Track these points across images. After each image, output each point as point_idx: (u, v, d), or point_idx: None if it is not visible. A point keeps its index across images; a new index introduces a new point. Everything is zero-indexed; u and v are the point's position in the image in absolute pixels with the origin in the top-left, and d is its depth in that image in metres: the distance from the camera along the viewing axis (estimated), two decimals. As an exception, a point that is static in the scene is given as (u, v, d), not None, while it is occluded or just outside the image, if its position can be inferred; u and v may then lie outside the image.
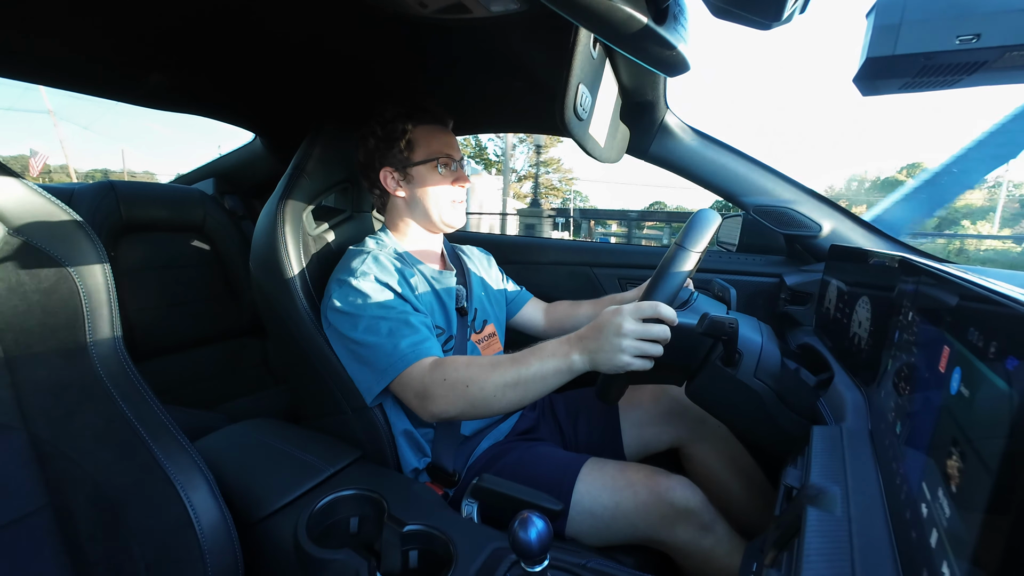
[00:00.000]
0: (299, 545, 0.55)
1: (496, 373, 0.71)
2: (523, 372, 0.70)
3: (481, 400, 0.71)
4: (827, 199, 1.07)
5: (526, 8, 0.60)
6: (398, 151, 0.92)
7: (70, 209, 0.57)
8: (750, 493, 0.90)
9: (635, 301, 0.70)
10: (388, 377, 0.76)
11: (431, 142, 0.93)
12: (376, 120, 0.94)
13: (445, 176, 0.94)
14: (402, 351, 0.76)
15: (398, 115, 0.92)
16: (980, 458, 0.26)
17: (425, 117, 0.94)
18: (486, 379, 0.71)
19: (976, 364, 0.29)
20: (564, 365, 0.69)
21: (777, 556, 0.41)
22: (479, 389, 0.71)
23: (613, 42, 0.53)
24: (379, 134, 0.93)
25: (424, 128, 0.93)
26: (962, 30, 0.43)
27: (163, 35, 0.81)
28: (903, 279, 0.53)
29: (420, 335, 0.79)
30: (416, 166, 0.92)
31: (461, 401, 0.72)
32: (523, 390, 0.71)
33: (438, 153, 0.93)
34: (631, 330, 0.65)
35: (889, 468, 0.42)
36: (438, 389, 0.73)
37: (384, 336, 0.77)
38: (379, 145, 0.93)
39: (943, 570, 0.27)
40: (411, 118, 0.92)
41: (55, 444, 0.53)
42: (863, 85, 0.54)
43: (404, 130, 0.92)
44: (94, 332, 0.56)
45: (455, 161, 0.95)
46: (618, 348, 0.66)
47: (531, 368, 0.70)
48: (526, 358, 0.72)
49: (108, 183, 1.35)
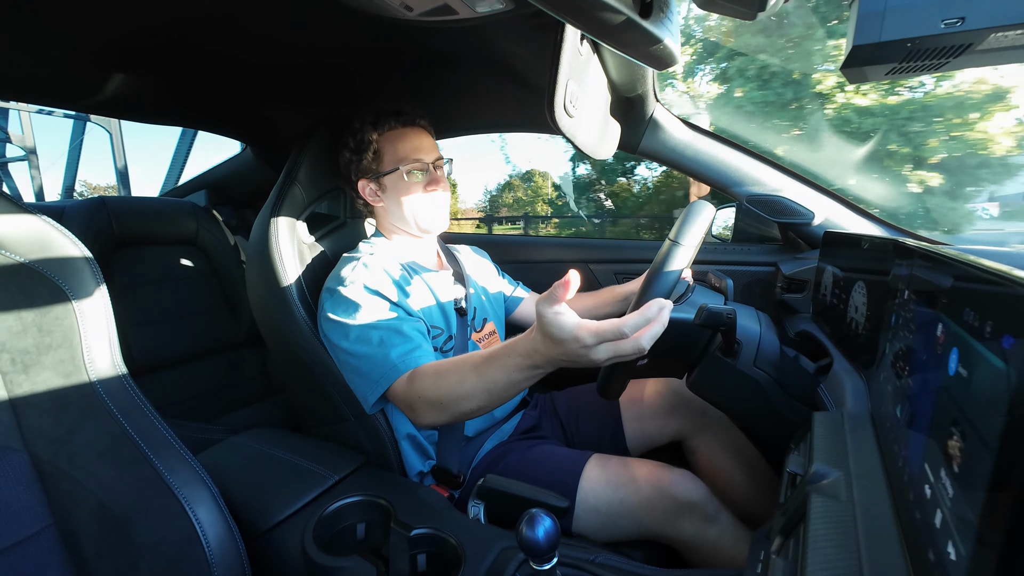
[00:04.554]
0: (306, 554, 0.55)
1: (466, 389, 0.67)
2: (492, 386, 0.66)
3: (462, 413, 0.70)
4: (819, 185, 1.08)
5: (512, 7, 0.60)
6: (367, 162, 0.91)
7: (62, 227, 0.57)
8: (754, 482, 0.90)
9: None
10: (381, 388, 0.76)
11: (397, 149, 0.91)
12: (348, 132, 0.93)
13: (416, 181, 0.91)
14: (392, 362, 0.75)
15: (365, 124, 0.91)
16: (980, 437, 0.26)
17: (389, 122, 0.92)
18: (459, 396, 0.68)
19: (973, 344, 0.30)
20: (531, 373, 0.63)
21: (783, 543, 0.42)
22: (455, 405, 0.69)
23: (600, 38, 0.53)
24: (351, 146, 0.92)
25: (390, 135, 0.92)
26: (946, 13, 0.43)
27: (148, 46, 0.81)
28: (897, 262, 0.53)
29: (411, 343, 0.78)
30: (386, 175, 0.91)
31: (444, 415, 0.71)
32: (499, 398, 0.67)
33: (404, 160, 0.90)
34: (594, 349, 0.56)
35: (891, 451, 0.42)
36: (419, 405, 0.72)
37: (375, 346, 0.77)
38: (352, 158, 0.93)
39: (948, 550, 0.27)
40: (376, 126, 0.91)
41: (57, 464, 0.53)
42: (851, 73, 0.54)
43: (369, 141, 0.91)
44: (91, 350, 0.56)
45: (427, 164, 0.92)
46: (587, 357, 0.57)
47: (499, 382, 0.65)
48: (488, 372, 0.66)
49: (99, 199, 1.34)
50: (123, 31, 0.74)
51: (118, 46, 0.79)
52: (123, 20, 0.71)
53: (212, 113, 1.21)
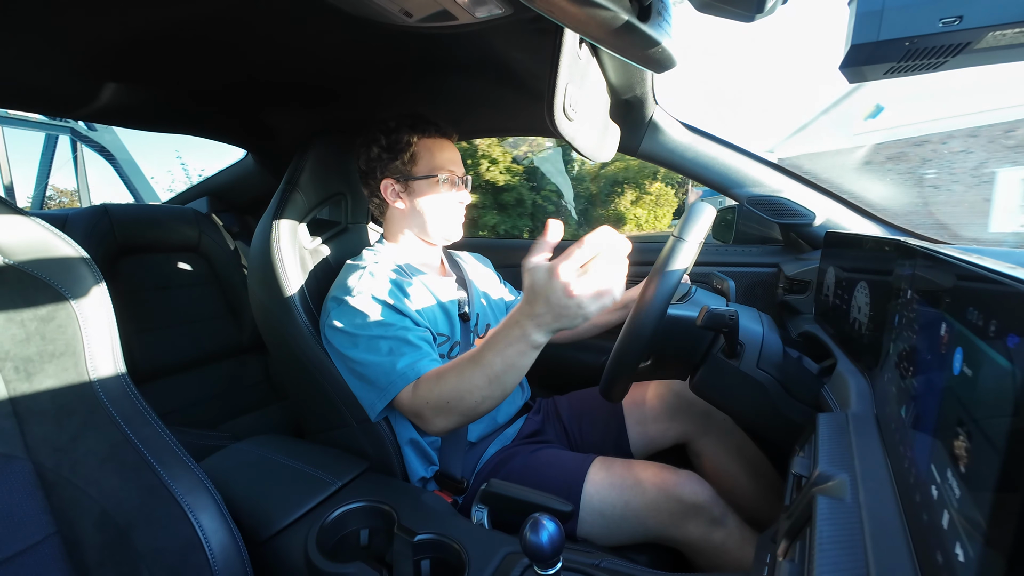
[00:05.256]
0: (310, 560, 0.55)
1: (468, 382, 0.68)
2: (490, 371, 0.66)
3: (469, 409, 0.70)
4: (819, 186, 1.08)
5: (511, 13, 0.60)
6: (401, 163, 0.92)
7: (64, 235, 0.57)
8: (759, 484, 0.90)
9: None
10: (389, 395, 0.76)
11: (435, 156, 0.92)
12: (379, 128, 0.93)
13: (447, 191, 0.93)
14: (400, 371, 0.75)
15: (402, 125, 0.92)
16: (986, 437, 0.26)
17: (429, 130, 0.93)
18: (461, 391, 0.69)
19: (977, 343, 0.29)
20: (525, 346, 0.63)
21: (790, 546, 0.41)
22: (460, 402, 0.69)
23: (598, 41, 0.53)
24: (383, 143, 0.92)
25: (428, 141, 0.93)
26: (944, 12, 0.44)
27: (149, 54, 0.81)
28: (899, 262, 0.53)
29: (419, 352, 0.78)
30: (418, 180, 0.92)
31: (452, 417, 0.71)
32: (501, 383, 0.67)
33: (441, 168, 0.92)
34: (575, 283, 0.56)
35: (897, 452, 0.41)
36: (426, 412, 0.72)
37: (384, 355, 0.77)
38: (382, 155, 0.92)
39: (956, 551, 0.27)
40: (415, 130, 0.92)
41: (59, 472, 0.53)
42: (849, 72, 0.54)
43: (409, 142, 0.91)
44: (94, 357, 0.56)
45: (458, 177, 0.95)
46: (574, 307, 0.57)
47: (495, 364, 0.65)
48: (484, 356, 0.66)
49: (102, 207, 1.35)
50: (124, 38, 0.75)
51: (119, 54, 0.80)
52: (124, 27, 0.71)
53: (213, 120, 1.22)
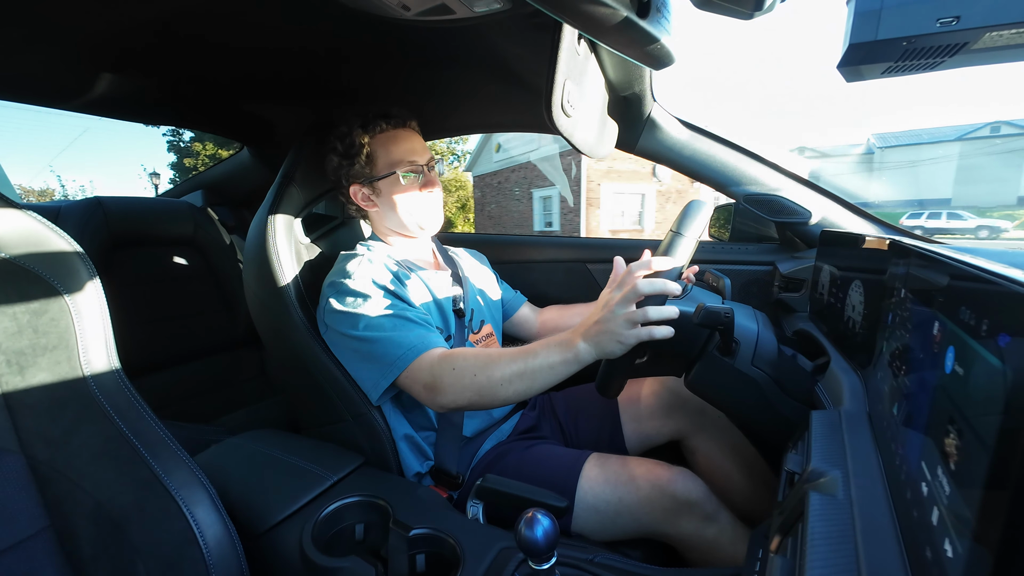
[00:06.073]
0: (305, 555, 0.55)
1: (503, 362, 0.72)
2: (530, 362, 0.71)
3: (488, 389, 0.72)
4: (816, 185, 1.08)
5: (510, 7, 0.60)
6: (360, 166, 0.90)
7: (54, 226, 0.57)
8: (752, 481, 0.90)
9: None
10: (397, 369, 0.76)
11: (391, 151, 0.90)
12: (335, 135, 0.91)
13: (411, 183, 0.91)
14: (411, 342, 0.76)
15: (353, 128, 0.90)
16: (977, 435, 0.26)
17: (380, 124, 0.91)
18: (494, 367, 0.72)
19: (969, 342, 0.30)
20: (571, 355, 0.70)
21: (782, 542, 0.42)
22: (487, 378, 0.71)
23: (597, 37, 0.53)
24: (339, 150, 0.91)
25: (381, 137, 0.91)
26: (942, 12, 0.44)
27: (145, 45, 0.80)
28: (893, 261, 0.53)
29: (425, 328, 0.79)
30: (380, 180, 0.90)
31: (469, 391, 0.72)
32: (529, 380, 0.71)
33: (399, 162, 0.90)
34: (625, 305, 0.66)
35: (888, 449, 0.42)
36: (447, 379, 0.73)
37: (390, 330, 0.77)
38: (342, 163, 0.91)
39: (945, 547, 0.27)
40: (366, 129, 0.90)
41: (53, 465, 0.53)
42: (847, 71, 0.54)
43: (361, 144, 0.89)
44: (87, 350, 0.56)
45: (421, 165, 0.92)
46: (620, 326, 0.66)
47: (538, 358, 0.71)
48: (533, 348, 0.72)
49: (95, 199, 1.33)
50: (120, 29, 0.74)
51: (115, 45, 0.79)
52: (121, 18, 0.71)
53: (209, 113, 1.21)
